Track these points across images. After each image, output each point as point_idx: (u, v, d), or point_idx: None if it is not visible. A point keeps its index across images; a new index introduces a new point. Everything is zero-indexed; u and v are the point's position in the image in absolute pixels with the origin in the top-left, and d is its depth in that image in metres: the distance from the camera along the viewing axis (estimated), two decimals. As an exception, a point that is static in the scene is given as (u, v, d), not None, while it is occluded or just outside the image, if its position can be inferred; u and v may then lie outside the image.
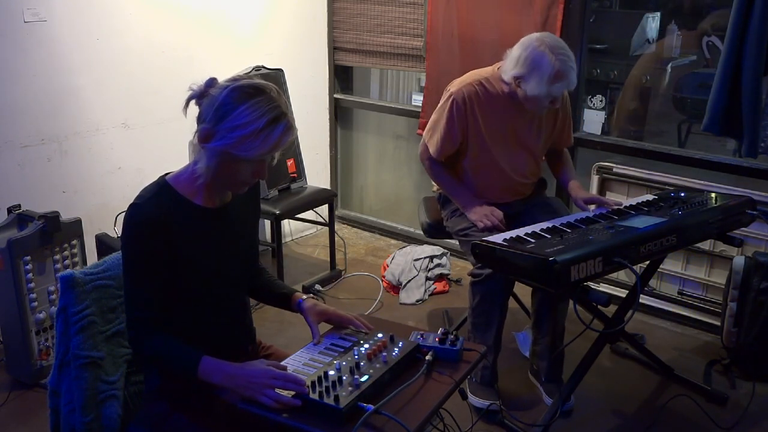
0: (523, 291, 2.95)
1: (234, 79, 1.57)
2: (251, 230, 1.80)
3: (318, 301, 1.83)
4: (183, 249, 1.60)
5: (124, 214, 1.59)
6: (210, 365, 1.54)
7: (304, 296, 1.82)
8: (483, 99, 2.60)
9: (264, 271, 1.91)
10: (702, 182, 3.12)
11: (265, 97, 1.53)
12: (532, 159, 2.76)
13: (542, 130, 2.72)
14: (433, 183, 2.92)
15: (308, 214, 3.81)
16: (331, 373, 1.53)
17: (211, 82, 1.59)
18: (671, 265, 3.28)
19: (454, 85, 2.65)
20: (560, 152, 2.87)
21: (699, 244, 3.12)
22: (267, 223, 3.83)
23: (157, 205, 1.57)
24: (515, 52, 2.49)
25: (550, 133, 2.77)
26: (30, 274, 2.65)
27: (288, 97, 3.70)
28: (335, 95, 4.39)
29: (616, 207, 2.52)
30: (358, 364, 1.57)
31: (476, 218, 2.63)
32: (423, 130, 3.87)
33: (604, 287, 3.48)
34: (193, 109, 1.60)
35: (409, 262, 3.67)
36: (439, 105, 2.71)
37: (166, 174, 1.67)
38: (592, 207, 2.58)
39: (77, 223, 2.81)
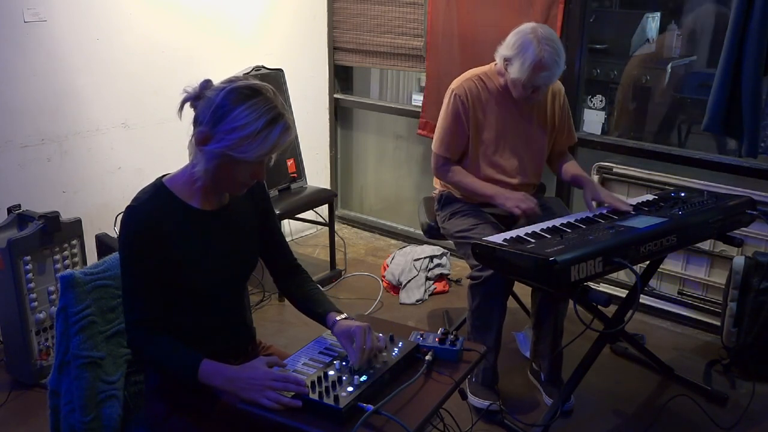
0: (523, 291, 2.95)
1: (230, 81, 1.56)
2: (251, 231, 1.78)
3: (349, 321, 1.68)
4: (180, 252, 1.60)
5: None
6: (210, 368, 1.54)
7: (338, 317, 1.70)
8: (482, 93, 2.68)
9: (306, 282, 1.86)
10: (702, 182, 3.12)
11: (262, 97, 1.53)
12: (537, 157, 2.76)
13: (545, 123, 2.75)
14: (436, 186, 2.91)
15: (308, 214, 3.81)
16: (331, 373, 1.53)
17: (206, 84, 1.58)
18: (671, 265, 3.28)
19: (455, 83, 2.72)
20: (564, 153, 2.86)
21: (699, 244, 3.12)
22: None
23: (154, 208, 1.57)
24: (510, 37, 2.59)
25: (552, 130, 2.78)
26: (30, 274, 2.65)
27: (288, 97, 3.70)
28: (335, 95, 4.39)
29: (623, 209, 2.46)
30: (358, 365, 1.57)
31: (512, 204, 2.55)
32: (423, 130, 3.92)
33: (604, 287, 3.48)
34: (189, 110, 1.59)
35: (409, 262, 3.67)
36: (442, 108, 2.75)
37: (164, 176, 1.67)
38: (596, 205, 2.56)
39: (77, 223, 2.81)
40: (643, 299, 3.35)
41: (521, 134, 2.71)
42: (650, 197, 2.67)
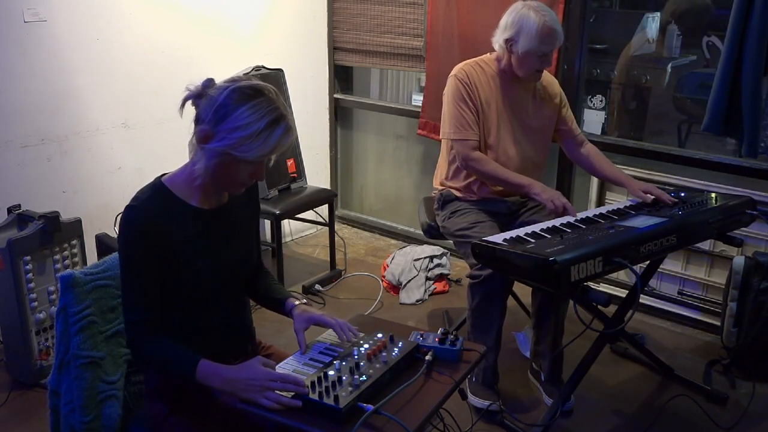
0: (523, 291, 2.95)
1: (233, 80, 1.57)
2: (249, 231, 1.79)
3: (308, 307, 1.77)
4: (179, 251, 1.60)
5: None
6: (208, 369, 1.54)
7: (296, 301, 1.77)
8: (481, 77, 2.71)
9: (265, 275, 1.89)
10: (702, 182, 3.12)
11: (264, 98, 1.53)
12: (539, 146, 2.77)
13: (544, 110, 2.75)
14: (436, 186, 2.91)
15: (308, 214, 3.81)
16: (331, 373, 1.53)
17: (209, 83, 1.58)
18: (671, 265, 3.28)
19: (453, 70, 2.75)
20: (582, 143, 2.84)
21: (699, 244, 3.12)
22: (267, 223, 3.83)
23: (153, 208, 1.57)
24: (502, 21, 2.64)
25: (555, 118, 2.78)
26: (30, 274, 2.65)
27: (288, 98, 3.70)
28: (335, 95, 4.39)
29: (672, 202, 2.51)
30: (357, 365, 1.56)
31: (546, 197, 2.53)
32: (423, 130, 3.92)
33: (604, 287, 3.48)
34: (191, 109, 1.60)
35: (409, 262, 3.67)
36: (446, 95, 2.74)
37: (163, 175, 1.67)
38: (649, 196, 2.57)
39: (77, 223, 2.81)
40: (643, 299, 3.35)
41: (520, 122, 2.72)
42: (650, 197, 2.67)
